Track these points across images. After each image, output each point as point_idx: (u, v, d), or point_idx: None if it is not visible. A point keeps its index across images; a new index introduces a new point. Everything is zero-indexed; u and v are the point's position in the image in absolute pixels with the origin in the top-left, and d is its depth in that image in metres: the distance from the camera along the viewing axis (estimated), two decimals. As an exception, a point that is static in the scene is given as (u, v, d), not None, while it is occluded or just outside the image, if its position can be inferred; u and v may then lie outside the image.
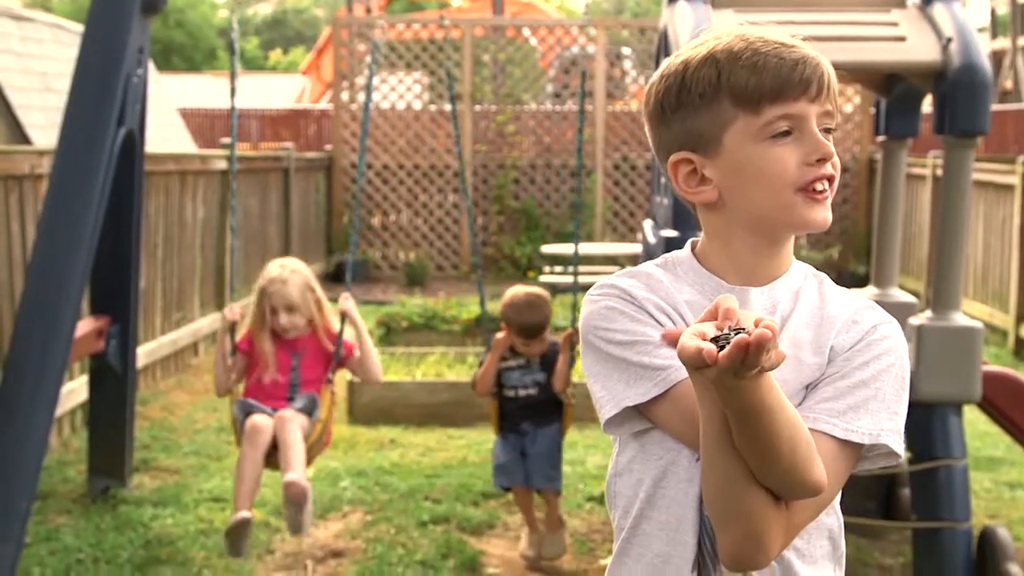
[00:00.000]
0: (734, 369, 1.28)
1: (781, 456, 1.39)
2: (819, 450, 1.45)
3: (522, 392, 4.63)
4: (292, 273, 4.21)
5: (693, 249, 1.64)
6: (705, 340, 1.30)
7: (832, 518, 1.59)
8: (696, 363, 1.30)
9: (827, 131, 1.54)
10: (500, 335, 4.63)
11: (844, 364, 1.54)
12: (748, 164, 1.54)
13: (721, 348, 1.29)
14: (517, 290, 4.65)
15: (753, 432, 1.37)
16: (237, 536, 3.95)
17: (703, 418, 1.42)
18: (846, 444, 1.50)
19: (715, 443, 1.42)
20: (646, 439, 1.58)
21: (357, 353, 4.34)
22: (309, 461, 4.21)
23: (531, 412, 4.64)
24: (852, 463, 1.52)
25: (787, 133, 1.53)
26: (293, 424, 4.06)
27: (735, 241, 1.59)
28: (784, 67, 1.51)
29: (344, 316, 4.30)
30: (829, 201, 1.55)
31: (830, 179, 1.54)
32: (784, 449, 1.39)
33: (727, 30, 1.56)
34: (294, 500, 3.93)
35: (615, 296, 1.58)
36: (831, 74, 1.54)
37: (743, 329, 1.30)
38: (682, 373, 1.50)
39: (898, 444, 1.53)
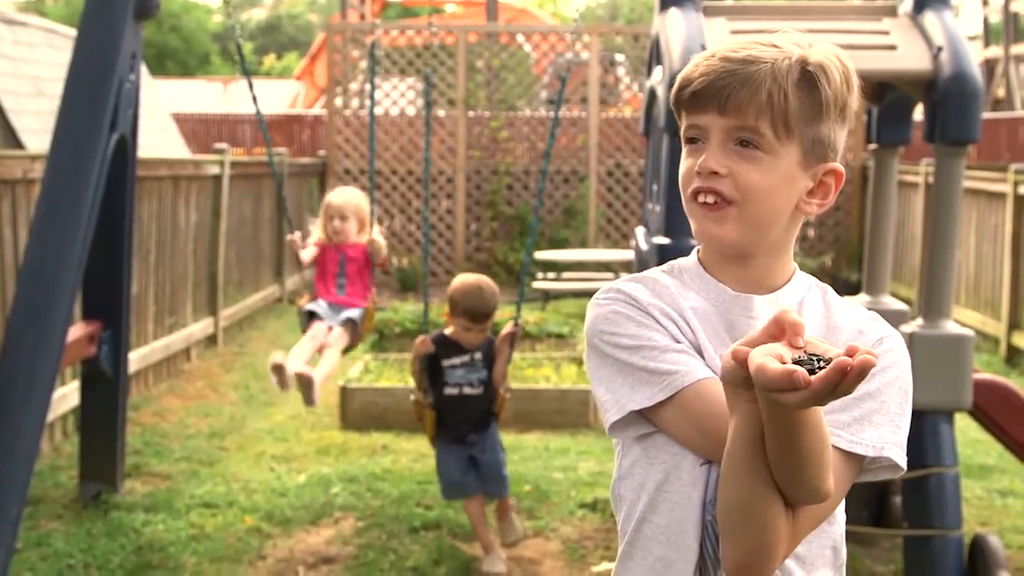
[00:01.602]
0: (823, 395, 1.23)
1: (809, 466, 1.38)
2: None
3: (467, 390, 4.61)
4: (350, 193, 5.55)
5: (700, 257, 1.65)
6: (784, 363, 1.24)
7: (835, 527, 1.60)
8: (781, 386, 1.23)
9: (743, 144, 1.54)
10: (420, 339, 4.65)
11: None
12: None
13: (811, 373, 1.22)
14: (467, 275, 4.70)
15: (792, 444, 1.35)
16: (279, 372, 4.96)
17: (735, 429, 1.38)
18: (850, 456, 1.50)
19: (745, 456, 1.39)
20: (649, 443, 1.59)
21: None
22: (362, 338, 5.50)
23: (474, 415, 4.63)
24: (855, 474, 1.52)
25: (693, 141, 1.58)
26: (335, 348, 5.25)
27: (713, 248, 1.63)
28: (699, 79, 1.54)
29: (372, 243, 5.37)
30: (720, 216, 1.54)
31: (717, 193, 1.54)
32: (814, 460, 1.38)
33: (763, 36, 1.58)
34: (304, 383, 4.98)
35: (621, 301, 1.59)
36: (759, 89, 1.51)
37: (819, 356, 1.25)
38: (688, 379, 1.51)
39: (901, 457, 1.53)
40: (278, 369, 4.96)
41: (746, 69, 1.52)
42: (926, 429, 4.02)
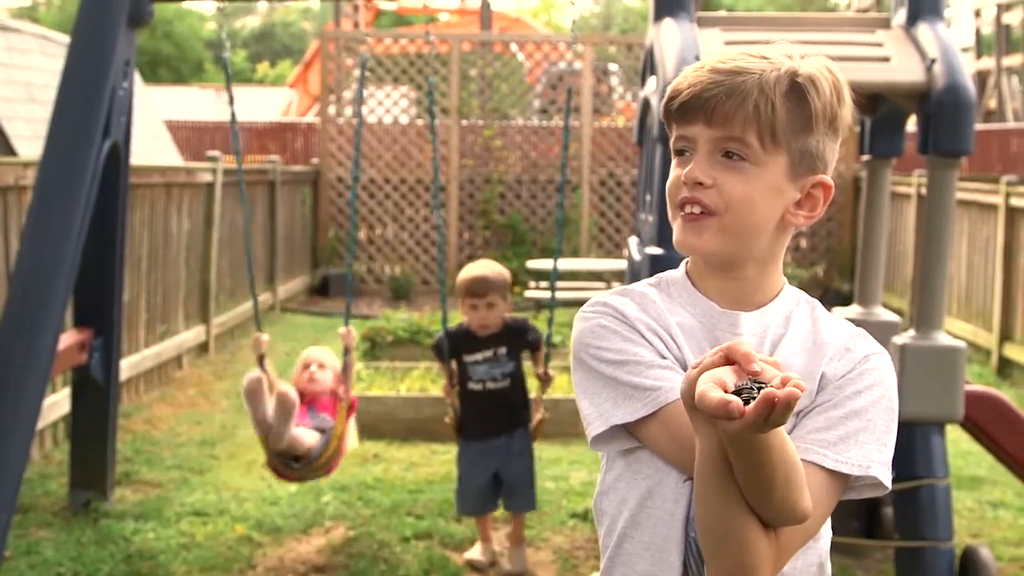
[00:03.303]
0: (757, 425, 1.26)
1: (776, 486, 1.38)
2: (809, 480, 1.44)
3: (491, 385, 4.61)
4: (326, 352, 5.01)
5: (687, 269, 1.64)
6: (726, 391, 1.27)
7: (821, 542, 1.59)
8: (719, 415, 1.26)
9: (729, 155, 1.53)
10: (444, 388, 4.71)
11: (836, 392, 1.53)
12: None
13: (746, 402, 1.24)
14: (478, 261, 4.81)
15: (753, 464, 1.36)
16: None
17: (700, 451, 1.40)
18: (835, 475, 1.49)
19: (713, 475, 1.40)
20: (633, 458, 1.58)
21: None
22: (328, 471, 4.80)
23: (501, 410, 4.63)
24: (840, 493, 1.52)
25: (681, 153, 1.57)
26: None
27: (699, 261, 1.62)
28: (687, 91, 1.54)
29: (347, 349, 4.83)
30: (699, 227, 1.54)
31: (701, 204, 1.53)
32: (779, 480, 1.38)
33: (754, 48, 1.58)
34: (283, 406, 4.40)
35: (608, 315, 1.58)
36: (745, 100, 1.51)
37: (763, 384, 1.27)
38: (672, 395, 1.50)
39: (886, 476, 1.53)
40: (254, 386, 4.45)
41: (733, 80, 1.52)
42: (917, 440, 4.02)
